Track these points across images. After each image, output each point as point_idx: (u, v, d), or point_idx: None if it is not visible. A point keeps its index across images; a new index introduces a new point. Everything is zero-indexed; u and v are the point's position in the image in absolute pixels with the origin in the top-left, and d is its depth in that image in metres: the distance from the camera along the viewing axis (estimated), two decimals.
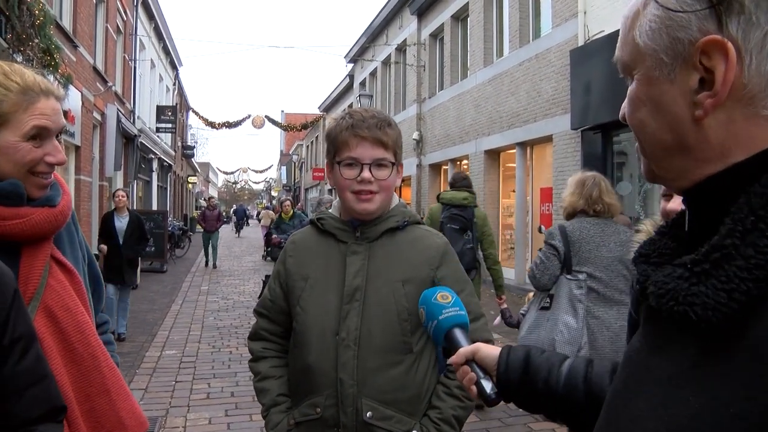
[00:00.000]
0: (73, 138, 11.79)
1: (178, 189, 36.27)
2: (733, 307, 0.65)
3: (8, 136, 1.48)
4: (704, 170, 0.74)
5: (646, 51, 0.75)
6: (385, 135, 1.87)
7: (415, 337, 1.86)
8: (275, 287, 2.03)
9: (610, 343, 3.64)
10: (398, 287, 1.86)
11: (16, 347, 1.22)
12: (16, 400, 1.22)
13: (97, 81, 14.73)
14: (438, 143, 18.74)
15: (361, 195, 1.86)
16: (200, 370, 7.14)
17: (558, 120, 11.98)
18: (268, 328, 2.06)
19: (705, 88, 0.71)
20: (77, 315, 1.58)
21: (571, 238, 3.82)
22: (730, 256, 0.66)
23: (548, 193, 12.72)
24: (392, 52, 22.94)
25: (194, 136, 46.31)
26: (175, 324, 9.82)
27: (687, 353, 0.70)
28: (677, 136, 0.75)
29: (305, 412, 1.87)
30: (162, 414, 5.60)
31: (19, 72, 1.54)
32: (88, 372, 1.57)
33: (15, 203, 1.50)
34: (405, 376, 1.85)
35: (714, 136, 0.72)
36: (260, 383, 2.01)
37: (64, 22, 11.93)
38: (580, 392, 1.12)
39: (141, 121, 20.70)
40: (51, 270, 1.58)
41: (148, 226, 16.36)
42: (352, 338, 1.82)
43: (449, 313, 1.31)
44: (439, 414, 1.87)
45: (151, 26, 23.62)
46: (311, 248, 1.99)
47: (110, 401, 1.61)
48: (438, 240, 1.99)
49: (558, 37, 12.16)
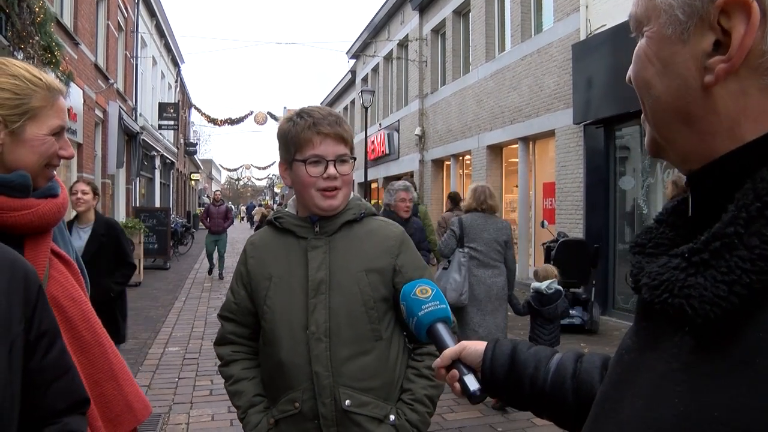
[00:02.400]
0: (75, 136, 11.79)
1: (180, 186, 36.32)
2: (733, 301, 0.60)
3: (35, 130, 1.56)
4: (710, 146, 0.68)
5: (662, 5, 0.69)
6: (344, 131, 1.93)
7: (383, 324, 1.92)
8: (239, 289, 2.04)
9: (485, 292, 5.67)
10: (362, 277, 1.90)
11: (42, 342, 1.25)
12: (42, 393, 1.25)
13: (99, 78, 14.73)
14: (440, 138, 18.72)
15: (326, 192, 1.90)
16: (203, 366, 7.15)
17: (560, 115, 11.95)
18: (235, 331, 2.06)
19: (719, 51, 0.64)
20: (81, 304, 1.64)
21: (464, 225, 5.82)
22: (732, 246, 0.61)
23: (551, 188, 12.70)
24: (394, 47, 22.92)
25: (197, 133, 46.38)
26: (178, 321, 9.84)
27: (680, 352, 0.66)
28: (684, 103, 0.69)
29: (284, 409, 1.89)
30: (165, 411, 5.61)
31: (37, 70, 1.63)
32: (96, 359, 1.63)
33: (22, 194, 1.55)
34: (377, 363, 1.90)
35: (723, 107, 0.66)
36: (234, 386, 2.01)
37: (65, 19, 11.92)
38: (568, 390, 1.07)
39: (143, 119, 20.71)
40: (52, 262, 1.63)
41: (151, 223, 16.54)
42: (322, 331, 1.85)
43: (429, 308, 1.29)
44: (411, 396, 1.92)
45: (152, 23, 23.61)
46: (271, 247, 2.01)
47: (118, 386, 1.68)
48: (395, 229, 2.04)
49: (560, 31, 12.12)
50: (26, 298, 1.21)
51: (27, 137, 1.54)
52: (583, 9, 11.22)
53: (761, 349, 0.57)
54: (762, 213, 0.60)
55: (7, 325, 1.16)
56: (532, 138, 13.71)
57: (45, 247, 1.60)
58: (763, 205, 0.60)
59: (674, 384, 0.64)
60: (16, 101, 1.52)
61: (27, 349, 1.21)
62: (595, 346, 7.89)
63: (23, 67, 1.59)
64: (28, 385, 1.22)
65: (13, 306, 1.18)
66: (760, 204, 0.60)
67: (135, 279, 13.77)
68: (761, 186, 0.61)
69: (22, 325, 1.19)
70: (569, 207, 11.74)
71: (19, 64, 1.60)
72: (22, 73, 1.56)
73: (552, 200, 12.65)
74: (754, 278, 0.59)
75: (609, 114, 10.09)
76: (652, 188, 9.79)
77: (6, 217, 1.50)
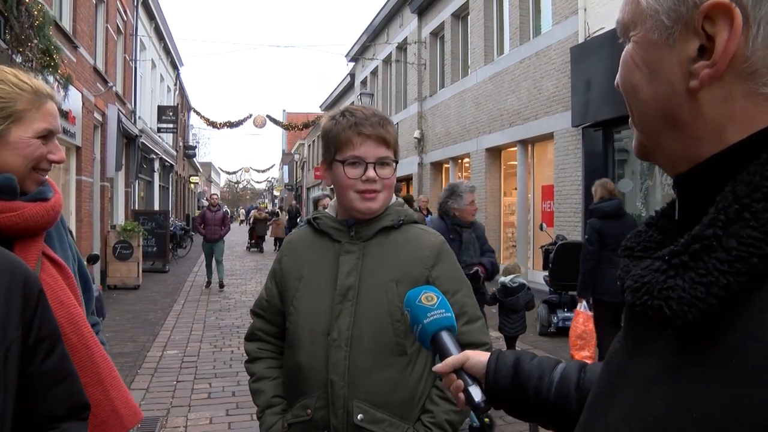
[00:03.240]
0: (73, 139, 11.79)
1: (180, 189, 36.30)
2: (711, 302, 0.60)
3: (20, 133, 1.57)
4: (697, 150, 0.69)
5: (648, 10, 0.70)
6: (387, 133, 1.85)
7: (410, 339, 1.80)
8: (271, 287, 2.02)
9: None
10: (391, 287, 1.82)
11: (41, 346, 1.25)
12: (41, 398, 1.25)
13: (98, 81, 14.72)
14: (439, 141, 18.73)
15: (365, 194, 1.83)
16: (201, 369, 7.15)
17: (559, 117, 11.96)
18: (264, 329, 2.04)
19: (704, 57, 0.66)
20: (69, 307, 1.62)
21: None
22: (711, 248, 0.61)
23: (550, 191, 12.71)
24: (393, 50, 22.93)
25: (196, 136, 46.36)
26: (176, 324, 9.83)
27: (665, 355, 0.66)
28: (670, 107, 0.70)
29: (296, 414, 1.84)
30: (163, 414, 5.60)
31: (26, 75, 1.65)
32: (82, 362, 1.61)
33: (9, 197, 1.56)
34: (397, 378, 1.80)
35: (709, 112, 0.67)
36: (255, 384, 1.99)
37: (64, 22, 11.91)
38: (572, 400, 1.06)
39: (142, 122, 20.69)
40: (43, 265, 1.63)
41: (150, 226, 16.55)
42: (343, 338, 1.79)
43: (434, 316, 1.24)
44: (431, 418, 1.82)
45: (151, 26, 23.61)
46: (306, 248, 1.97)
47: (104, 391, 1.66)
48: (433, 239, 1.94)
49: (558, 34, 12.14)
50: (25, 303, 1.22)
51: (11, 140, 1.56)
52: (582, 12, 11.24)
53: (739, 351, 0.57)
54: (740, 215, 0.60)
55: (4, 330, 1.16)
56: (530, 141, 13.72)
57: (35, 250, 1.60)
58: (742, 207, 0.60)
59: (658, 386, 0.65)
60: (1, 105, 1.54)
61: (26, 354, 1.21)
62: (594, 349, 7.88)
63: (11, 73, 1.61)
64: (27, 389, 1.22)
65: (12, 310, 1.18)
66: (739, 206, 0.61)
67: (133, 282, 13.78)
68: (740, 188, 0.61)
69: (20, 330, 1.19)
70: (568, 210, 11.75)
71: (8, 70, 1.62)
72: (8, 78, 1.58)
73: (551, 203, 12.66)
74: (731, 279, 0.60)
75: (607, 117, 10.10)
76: (650, 191, 9.80)
77: None
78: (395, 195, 2.06)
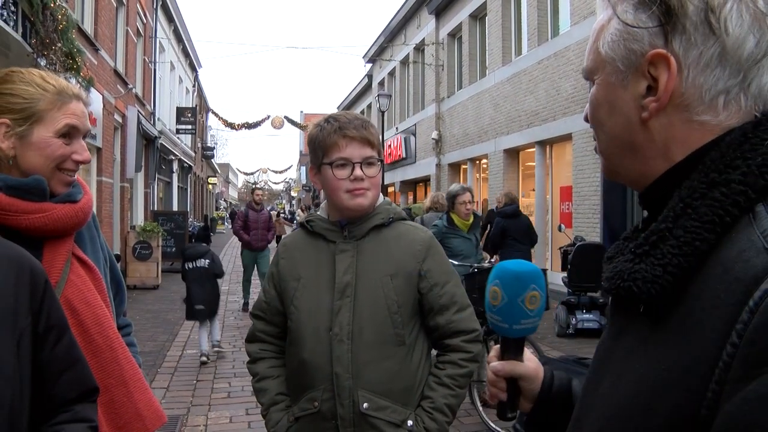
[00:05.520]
0: (94, 140, 11.93)
1: (198, 190, 36.54)
2: (668, 279, 0.75)
3: (42, 132, 1.58)
4: (651, 168, 0.85)
5: (607, 59, 0.87)
6: (370, 134, 1.97)
7: (407, 329, 1.94)
8: (270, 289, 2.10)
9: None
10: (387, 281, 1.93)
11: (51, 334, 1.30)
12: (53, 383, 1.30)
13: (118, 83, 14.88)
14: (457, 142, 18.71)
15: (355, 191, 1.93)
16: (221, 369, 7.21)
17: (577, 118, 11.89)
18: (265, 330, 2.12)
19: (651, 94, 0.82)
20: (96, 308, 1.64)
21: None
22: (665, 237, 0.77)
23: (568, 192, 12.66)
24: (410, 51, 22.94)
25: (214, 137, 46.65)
26: (195, 324, 9.87)
27: (640, 328, 0.81)
28: (628, 134, 0.86)
29: (304, 407, 1.93)
30: (183, 413, 5.66)
31: (53, 77, 1.67)
32: (107, 363, 1.62)
33: (38, 198, 1.58)
34: (398, 368, 1.92)
35: (657, 136, 0.83)
36: (259, 383, 2.08)
37: (86, 25, 12.06)
38: None
39: (161, 123, 20.87)
40: (72, 266, 1.65)
41: (169, 226, 16.65)
42: (345, 333, 1.89)
43: (528, 324, 1.12)
44: (431, 403, 1.93)
45: (170, 29, 23.80)
46: (302, 250, 2.07)
47: (128, 393, 1.66)
48: (422, 234, 2.05)
49: (576, 34, 12.08)
50: (33, 293, 1.26)
51: (34, 140, 1.58)
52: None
53: (690, 313, 0.73)
54: (684, 211, 0.77)
55: (15, 319, 1.21)
56: (549, 142, 13.67)
57: (64, 251, 1.62)
58: (685, 205, 0.77)
59: (637, 355, 0.80)
60: (24, 105, 1.56)
61: (36, 342, 1.26)
62: None
63: (39, 75, 1.63)
64: (39, 375, 1.26)
65: (21, 300, 1.23)
66: (683, 204, 0.77)
67: (153, 282, 13.89)
68: (684, 192, 0.78)
69: (29, 318, 1.24)
70: (586, 211, 11.69)
71: (36, 72, 1.64)
72: (34, 79, 1.61)
73: (569, 204, 12.60)
74: (681, 260, 0.75)
75: None
76: None
77: (21, 220, 1.53)
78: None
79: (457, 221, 6.22)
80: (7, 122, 1.55)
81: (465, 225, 6.24)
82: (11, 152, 1.56)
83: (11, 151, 1.56)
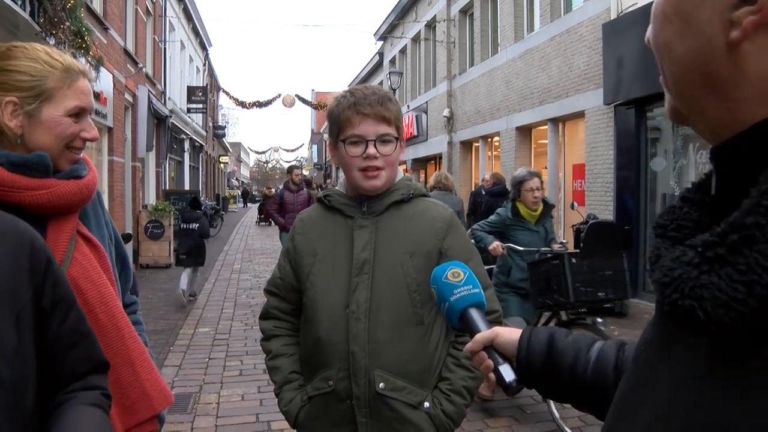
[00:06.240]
0: (105, 120, 11.93)
1: (210, 169, 36.60)
2: (753, 305, 0.50)
3: (52, 111, 1.56)
4: (740, 114, 0.58)
5: None
6: (386, 111, 1.89)
7: (426, 308, 1.87)
8: (285, 265, 2.05)
9: None
10: (406, 259, 1.88)
11: (57, 309, 1.26)
12: (62, 358, 1.28)
13: (128, 63, 14.85)
14: (469, 120, 18.58)
15: (367, 172, 1.88)
16: (233, 347, 7.24)
17: (590, 95, 11.78)
18: (279, 306, 2.08)
19: (747, 2, 0.55)
20: (101, 287, 1.62)
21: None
22: (752, 239, 0.51)
23: (581, 170, 12.56)
24: (422, 28, 22.73)
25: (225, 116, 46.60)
26: (208, 302, 9.96)
27: (696, 359, 0.58)
28: (707, 64, 0.59)
29: (318, 386, 1.89)
30: (196, 390, 5.70)
31: (58, 53, 1.63)
32: (112, 343, 1.61)
33: (41, 174, 1.56)
34: (415, 347, 1.87)
35: (753, 68, 0.56)
36: (272, 361, 2.04)
37: (95, 5, 12.01)
38: (609, 381, 0.99)
39: (172, 102, 20.85)
40: (77, 244, 1.63)
41: (181, 205, 16.65)
42: (362, 311, 1.84)
43: (461, 292, 1.20)
44: (449, 385, 1.89)
45: (180, 7, 23.69)
46: (319, 225, 2.01)
47: (134, 372, 1.65)
48: (443, 211, 2.00)
49: (590, 10, 11.91)
50: (33, 266, 1.21)
51: (43, 118, 1.56)
52: None
53: None
54: None
55: (12, 293, 1.16)
56: (561, 119, 13.54)
57: (68, 228, 1.61)
58: None
59: (689, 394, 0.57)
60: (32, 83, 1.54)
61: (41, 317, 1.22)
62: (626, 329, 7.83)
63: (43, 50, 1.60)
64: (48, 351, 1.24)
65: (20, 274, 1.18)
66: None
67: (165, 261, 13.96)
68: None
69: (30, 292, 1.19)
70: (599, 189, 11.60)
71: (40, 48, 1.61)
72: (40, 55, 1.57)
73: (582, 182, 12.51)
74: None
75: (640, 94, 9.91)
76: (684, 170, 9.63)
77: (24, 196, 1.52)
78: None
79: (524, 211, 5.39)
80: (14, 100, 1.52)
81: (533, 216, 5.42)
82: (19, 131, 1.54)
83: (19, 129, 1.54)
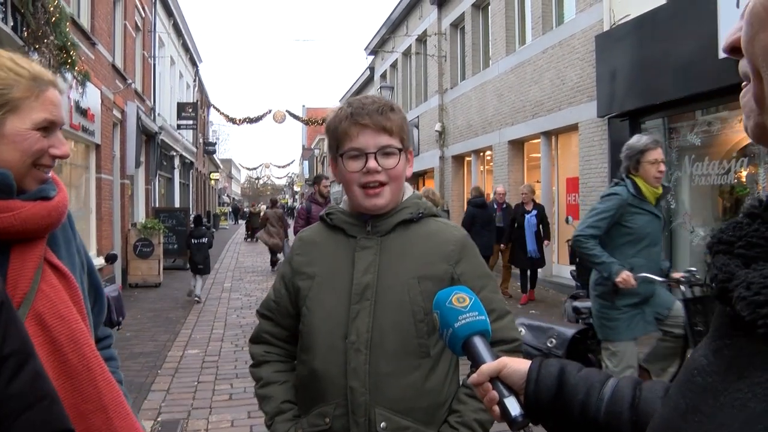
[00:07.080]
0: (93, 136, 11.72)
1: (200, 186, 36.40)
2: None
3: (17, 124, 1.40)
4: None
5: None
6: (387, 120, 1.72)
7: (433, 339, 1.69)
8: (280, 288, 1.88)
9: None
10: (413, 284, 1.70)
11: (5, 366, 1.08)
12: (8, 425, 1.07)
13: (117, 78, 14.69)
14: (461, 134, 18.50)
15: (368, 189, 1.71)
16: (223, 370, 7.04)
17: (583, 108, 11.69)
18: (272, 332, 1.90)
19: None
20: (71, 323, 1.44)
21: None
22: None
23: (575, 183, 12.45)
24: (413, 42, 22.71)
25: (216, 133, 46.53)
26: (197, 322, 9.74)
27: None
28: None
29: (313, 423, 1.71)
30: (184, 416, 5.49)
31: (25, 60, 1.46)
32: (83, 386, 1.42)
33: (4, 195, 1.38)
34: (422, 383, 1.69)
35: None
36: (263, 390, 1.85)
37: (82, 19, 11.86)
38: (625, 421, 0.94)
39: (161, 119, 20.68)
40: (44, 274, 1.45)
41: (171, 223, 16.53)
42: (362, 341, 1.66)
43: (466, 319, 1.14)
44: (459, 418, 1.71)
45: (170, 23, 23.60)
46: (319, 244, 1.83)
47: (107, 419, 1.45)
48: (456, 233, 1.82)
49: (582, 22, 11.86)
50: None
51: (7, 132, 1.39)
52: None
53: None
54: None
55: None
56: (554, 132, 13.46)
57: (35, 257, 1.43)
58: None
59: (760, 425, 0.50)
60: None
61: None
62: None
63: (8, 57, 1.43)
64: None
65: None
66: None
67: (154, 280, 13.75)
68: None
69: None
70: (594, 202, 11.47)
71: (5, 54, 1.44)
72: (4, 62, 1.41)
73: (576, 195, 12.40)
74: None
75: (634, 106, 9.83)
76: (679, 182, 9.53)
77: None
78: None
79: (645, 189, 4.30)
80: None
81: (654, 194, 4.30)
82: None
83: None
